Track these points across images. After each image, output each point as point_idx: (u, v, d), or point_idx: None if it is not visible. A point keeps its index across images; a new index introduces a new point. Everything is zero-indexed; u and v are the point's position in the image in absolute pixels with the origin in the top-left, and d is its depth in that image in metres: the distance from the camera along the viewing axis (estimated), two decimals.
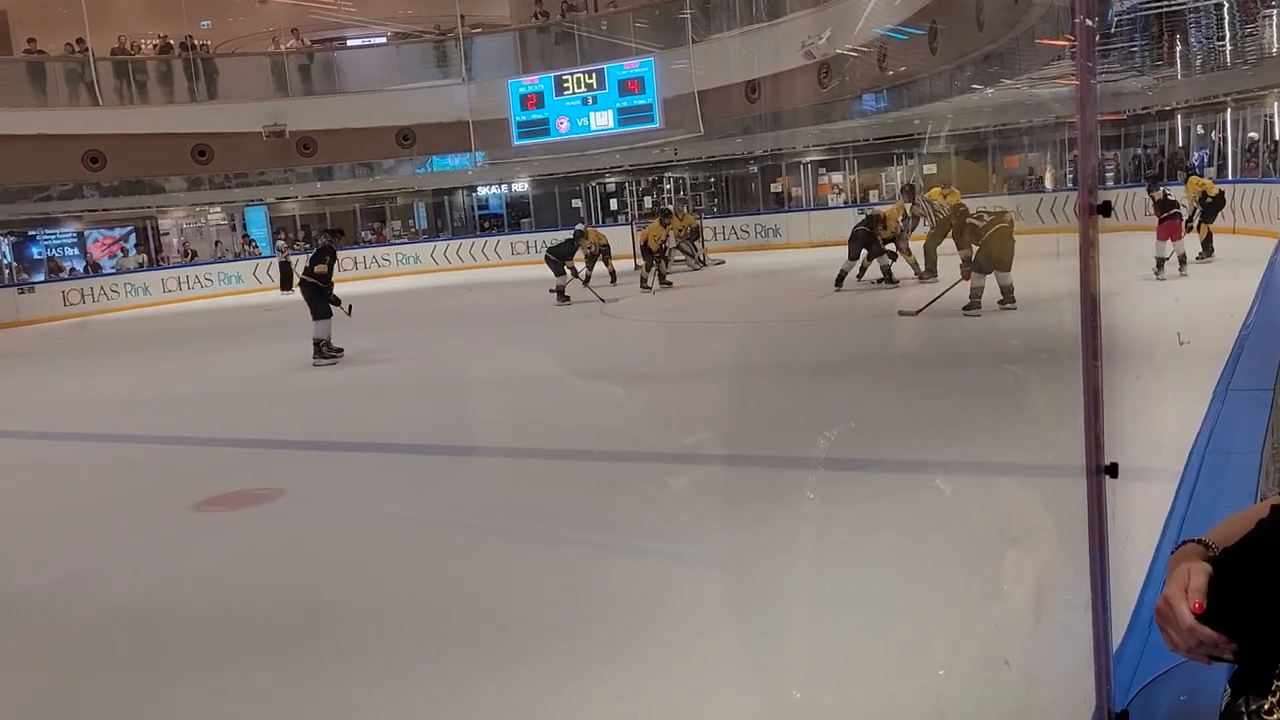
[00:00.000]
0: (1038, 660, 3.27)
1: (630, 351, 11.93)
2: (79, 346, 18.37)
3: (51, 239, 27.25)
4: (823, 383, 8.82)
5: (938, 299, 11.22)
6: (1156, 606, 1.34)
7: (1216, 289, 11.10)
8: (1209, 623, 1.28)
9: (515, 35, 25.21)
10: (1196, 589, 1.31)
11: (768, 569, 4.46)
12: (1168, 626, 1.32)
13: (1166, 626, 1.32)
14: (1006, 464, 5.62)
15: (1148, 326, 9.03)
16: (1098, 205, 1.76)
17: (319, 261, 11.95)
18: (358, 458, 7.57)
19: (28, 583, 5.24)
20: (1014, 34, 19.67)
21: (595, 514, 5.59)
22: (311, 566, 5.13)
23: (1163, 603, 1.32)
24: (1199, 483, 3.37)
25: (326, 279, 11.81)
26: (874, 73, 20.65)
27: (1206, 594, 1.30)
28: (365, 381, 10.93)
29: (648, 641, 3.82)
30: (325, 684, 3.73)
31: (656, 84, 22.27)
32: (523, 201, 31.15)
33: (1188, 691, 1.95)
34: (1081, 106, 1.77)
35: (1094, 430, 1.86)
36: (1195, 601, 1.29)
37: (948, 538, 4.61)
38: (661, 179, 29.69)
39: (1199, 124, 23.31)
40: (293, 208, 30.27)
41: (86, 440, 9.10)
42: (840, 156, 28.01)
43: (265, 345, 14.38)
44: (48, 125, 20.91)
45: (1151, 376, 7.01)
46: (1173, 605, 1.31)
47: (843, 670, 3.43)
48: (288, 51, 24.55)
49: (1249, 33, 18.48)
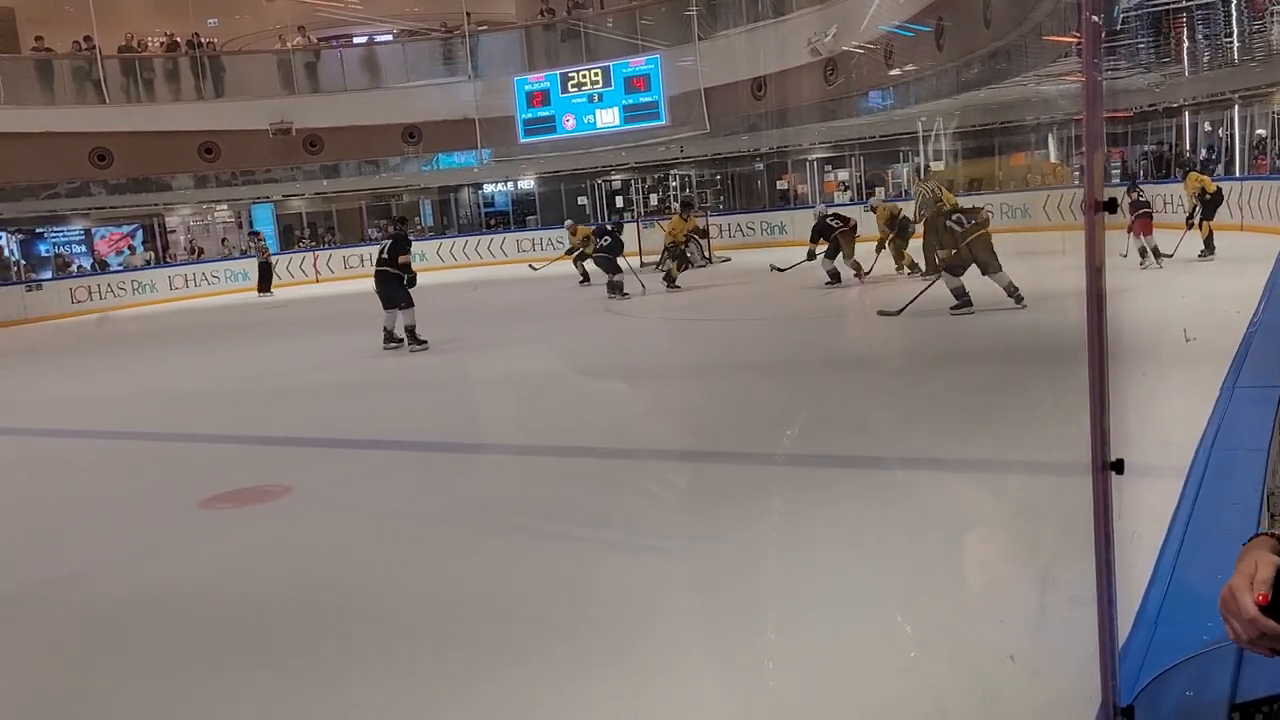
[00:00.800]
0: (1043, 656, 3.27)
1: (635, 349, 11.94)
2: (85, 344, 18.43)
3: (59, 236, 27.34)
4: (825, 380, 8.82)
5: (917, 298, 11.27)
6: (1221, 595, 1.35)
7: (1223, 286, 11.08)
8: (1273, 615, 1.29)
9: (521, 32, 25.24)
10: (1263, 580, 1.31)
11: (770, 567, 4.47)
12: (1230, 617, 1.33)
13: (1229, 616, 1.33)
14: (1012, 461, 5.62)
15: (1154, 323, 9.02)
16: (1103, 202, 1.77)
17: (401, 251, 11.95)
18: (364, 455, 7.59)
19: (34, 579, 5.26)
20: (1021, 31, 19.61)
21: (599, 511, 5.60)
22: (317, 564, 5.14)
23: (1227, 592, 1.33)
24: (1205, 479, 3.37)
25: (409, 268, 11.89)
26: (880, 70, 20.63)
27: (1273, 586, 1.30)
28: (371, 378, 10.96)
29: (649, 640, 3.82)
30: (329, 682, 3.74)
31: (662, 81, 22.27)
32: (528, 199, 31.17)
33: (1194, 687, 1.95)
34: (1088, 104, 1.77)
35: (1100, 426, 1.86)
36: (1260, 593, 1.30)
37: (952, 534, 4.61)
38: (667, 176, 29.69)
39: (1206, 121, 23.24)
40: (299, 205, 30.34)
41: (92, 437, 9.13)
42: (846, 154, 27.98)
43: (271, 342, 14.42)
44: (55, 123, 20.99)
45: (1158, 374, 7.00)
46: (1237, 596, 1.31)
47: (845, 666, 3.43)
48: (294, 49, 24.60)
49: (1257, 29, 18.41)
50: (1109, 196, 1.79)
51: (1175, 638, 2.17)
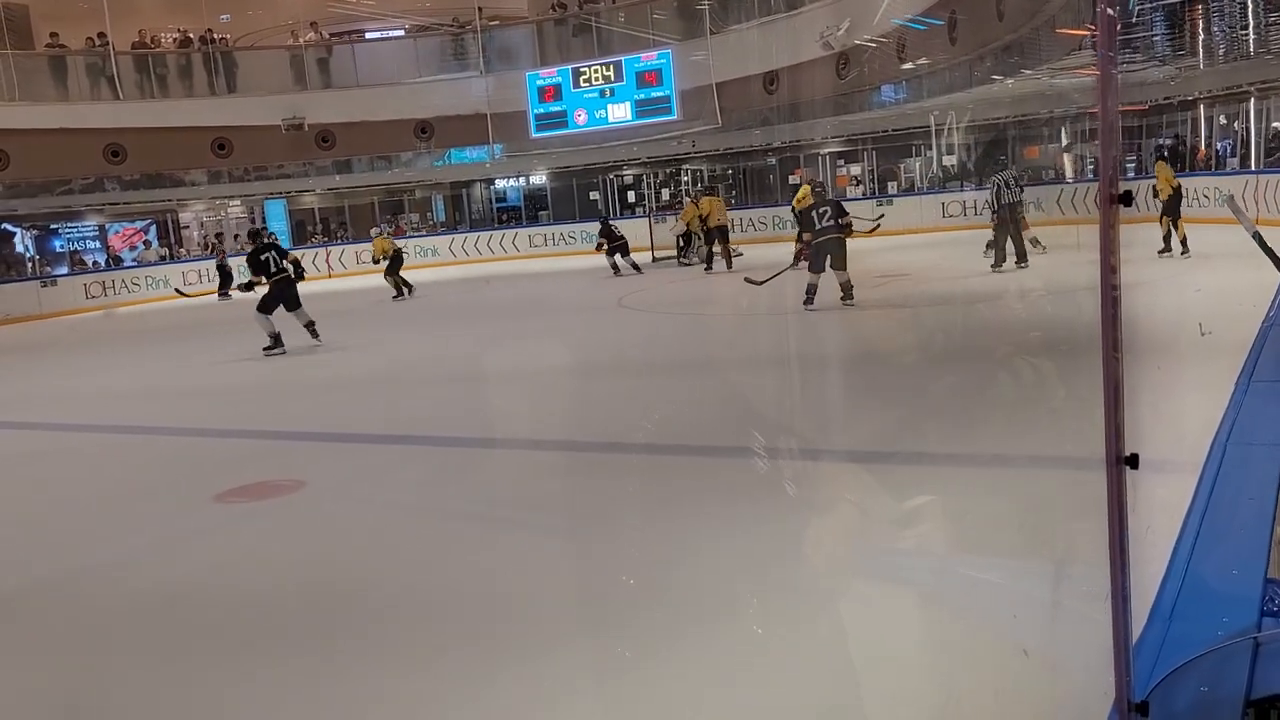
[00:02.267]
0: (1057, 651, 3.26)
1: (647, 345, 11.93)
2: (100, 339, 18.50)
3: (73, 232, 27.47)
4: (835, 375, 8.80)
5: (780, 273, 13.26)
6: None
7: (1239, 280, 10.99)
8: None
9: (533, 27, 25.21)
10: None
11: (781, 561, 4.46)
12: None
13: None
14: (1026, 456, 5.59)
15: (1170, 318, 8.96)
16: (1119, 195, 1.76)
17: None
18: (377, 449, 7.61)
19: (50, 573, 5.29)
20: (1034, 23, 19.52)
21: (612, 507, 5.60)
22: (331, 558, 5.16)
23: None
24: (1220, 475, 3.36)
25: None
26: (893, 64, 20.55)
27: None
28: (385, 373, 10.98)
29: (671, 637, 3.82)
30: (343, 675, 3.76)
31: (674, 76, 22.23)
32: (540, 194, 31.18)
33: (1209, 683, 1.94)
34: (1103, 96, 1.76)
35: (1114, 421, 1.85)
36: None
37: (965, 528, 4.59)
38: (679, 171, 29.65)
39: (1222, 114, 23.09)
40: (311, 201, 30.42)
41: (106, 431, 9.17)
42: (859, 148, 27.89)
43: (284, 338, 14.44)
44: (69, 119, 21.07)
45: (1173, 368, 6.96)
46: None
47: (857, 658, 3.42)
48: (306, 45, 24.64)
49: (1273, 21, 18.27)
50: (1124, 189, 1.78)
51: (1190, 633, 2.16)
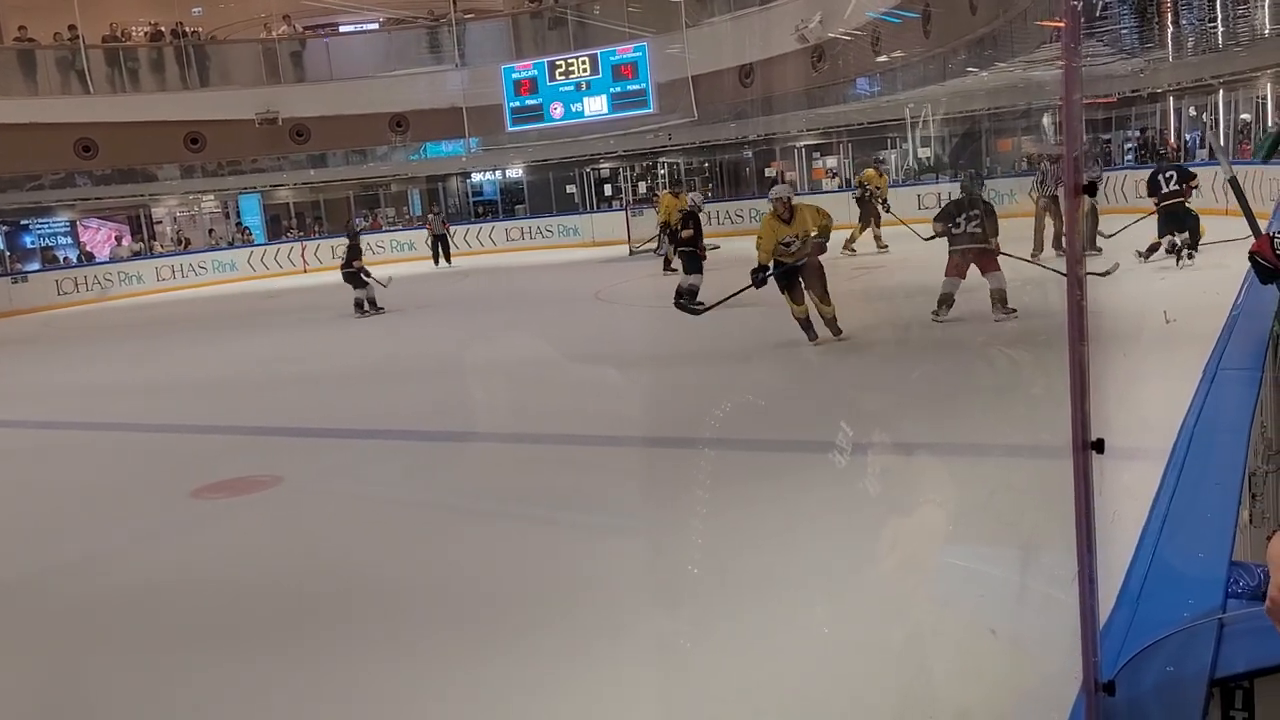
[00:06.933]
0: (1025, 633, 3.32)
1: (623, 338, 11.96)
2: (73, 335, 18.33)
3: (44, 228, 27.17)
4: (812, 366, 8.86)
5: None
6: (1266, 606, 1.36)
7: (1206, 269, 11.13)
8: None
9: (508, 21, 25.11)
10: None
11: (759, 549, 4.51)
12: None
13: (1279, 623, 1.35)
14: (994, 444, 5.66)
15: (1136, 307, 9.06)
16: (1084, 185, 1.80)
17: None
18: (355, 444, 7.60)
19: (26, 569, 5.27)
20: (1007, 17, 19.66)
21: (590, 497, 5.63)
22: (310, 553, 5.17)
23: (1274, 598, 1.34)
24: (1187, 460, 3.41)
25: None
26: (868, 56, 20.63)
27: None
28: (362, 368, 10.95)
29: (643, 623, 3.86)
30: (324, 669, 3.77)
31: (650, 69, 22.21)
32: (517, 187, 31.08)
33: (1174, 663, 1.99)
34: (1067, 88, 1.80)
35: (1081, 406, 1.89)
36: None
37: (935, 514, 4.65)
38: (656, 164, 29.65)
39: (1190, 106, 23.31)
40: (286, 195, 30.20)
41: (82, 428, 9.11)
42: (834, 140, 27.98)
43: (260, 333, 14.38)
44: (39, 114, 20.82)
45: (1140, 356, 7.05)
46: None
47: (829, 640, 3.48)
48: (280, 38, 24.44)
49: (1241, 14, 18.48)
50: (1089, 180, 1.82)
51: (1156, 615, 2.20)
